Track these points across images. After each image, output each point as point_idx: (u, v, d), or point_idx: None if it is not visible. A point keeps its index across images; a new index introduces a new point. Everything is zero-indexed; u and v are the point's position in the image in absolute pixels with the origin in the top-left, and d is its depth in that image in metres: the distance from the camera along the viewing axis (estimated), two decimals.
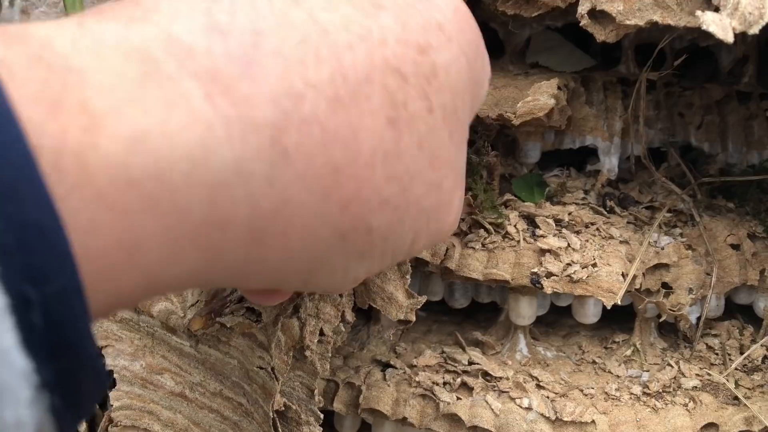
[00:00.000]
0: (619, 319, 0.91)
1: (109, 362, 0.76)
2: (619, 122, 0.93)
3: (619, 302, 0.80)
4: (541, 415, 0.78)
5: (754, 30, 0.72)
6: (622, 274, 0.82)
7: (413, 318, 0.79)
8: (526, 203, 0.87)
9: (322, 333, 0.75)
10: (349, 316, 0.80)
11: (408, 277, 0.80)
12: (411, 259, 0.82)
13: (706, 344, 0.90)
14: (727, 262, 0.89)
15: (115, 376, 0.76)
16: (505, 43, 0.98)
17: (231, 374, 0.72)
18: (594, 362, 0.87)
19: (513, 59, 0.97)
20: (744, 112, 0.98)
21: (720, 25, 0.67)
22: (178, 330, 0.73)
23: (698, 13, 0.69)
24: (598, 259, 0.81)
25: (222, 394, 0.72)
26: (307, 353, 0.74)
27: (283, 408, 0.70)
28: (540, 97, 0.82)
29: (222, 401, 0.72)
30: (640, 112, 0.92)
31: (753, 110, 0.97)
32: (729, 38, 0.69)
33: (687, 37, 0.96)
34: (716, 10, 0.69)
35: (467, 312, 0.94)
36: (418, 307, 0.79)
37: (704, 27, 0.69)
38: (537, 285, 0.80)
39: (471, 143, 0.93)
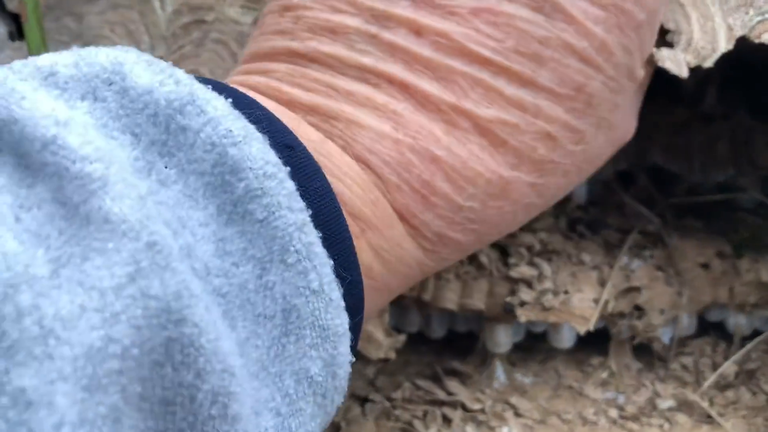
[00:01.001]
0: (594, 342, 0.92)
1: None
2: None
3: (591, 328, 0.82)
4: None
5: (708, 63, 0.74)
6: (594, 300, 0.83)
7: (393, 356, 0.80)
8: None
9: None
10: None
11: (386, 315, 0.81)
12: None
13: (681, 363, 0.91)
14: (697, 282, 0.91)
15: None
16: None
17: None
18: (571, 387, 0.88)
19: None
20: (708, 132, 1.00)
21: (674, 61, 0.69)
22: None
23: (654, 50, 0.70)
24: (570, 285, 0.83)
25: None
26: None
27: None
28: None
29: None
30: None
31: (717, 131, 0.99)
32: (684, 74, 0.71)
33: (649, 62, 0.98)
34: (670, 45, 0.71)
35: (445, 341, 0.95)
36: (398, 346, 0.80)
37: (659, 64, 0.71)
38: (511, 314, 0.82)
39: None
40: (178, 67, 0.41)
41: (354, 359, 0.44)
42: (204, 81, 0.41)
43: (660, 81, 1.01)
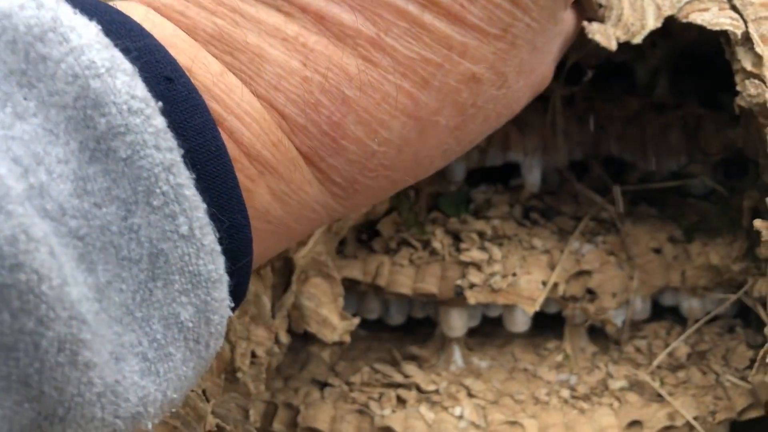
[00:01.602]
0: (552, 326, 0.95)
1: None
2: (539, 137, 0.97)
3: (537, 308, 0.84)
4: (472, 423, 0.81)
5: (637, 40, 0.77)
6: (543, 282, 0.85)
7: (348, 339, 0.82)
8: (451, 219, 0.91)
9: (254, 355, 0.78)
10: (284, 338, 0.83)
11: (341, 299, 0.83)
12: (343, 280, 0.85)
13: (634, 346, 0.93)
14: (649, 266, 0.93)
15: None
16: None
17: None
18: (526, 369, 0.90)
19: None
20: (660, 122, 1.02)
21: (604, 35, 0.71)
22: None
23: (585, 23, 0.73)
24: (519, 268, 0.85)
25: None
26: (239, 375, 0.76)
27: (216, 429, 0.72)
28: None
29: (157, 423, 0.75)
30: (557, 127, 0.96)
31: (669, 120, 1.02)
32: (613, 46, 0.74)
33: (601, 53, 1.01)
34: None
35: (406, 328, 0.97)
36: (352, 328, 0.82)
37: (590, 36, 0.74)
38: (461, 296, 0.84)
39: None
40: None
41: (234, 305, 0.43)
42: (75, 2, 0.37)
43: (613, 72, 1.04)
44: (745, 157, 0.97)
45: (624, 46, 0.93)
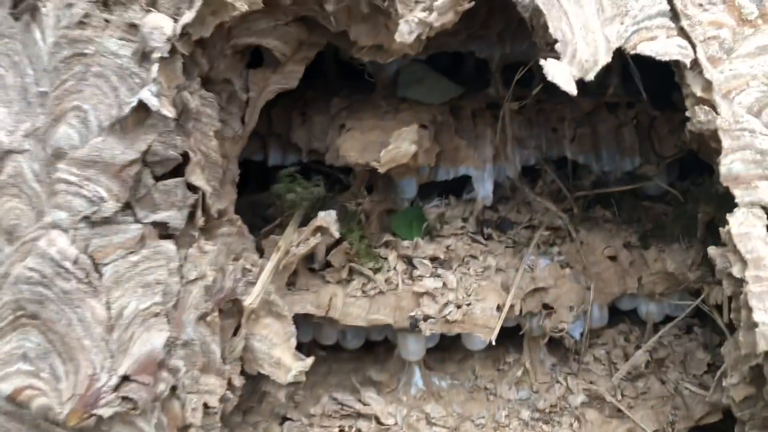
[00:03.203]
0: (510, 338, 0.94)
1: None
2: (490, 148, 0.94)
3: (493, 340, 0.83)
4: None
5: (590, 76, 0.74)
6: (498, 307, 0.84)
7: (303, 379, 0.81)
8: (404, 243, 0.89)
9: (207, 406, 0.77)
10: (237, 382, 0.81)
11: (293, 339, 0.81)
12: (297, 315, 0.84)
13: (593, 356, 0.93)
14: (605, 274, 0.92)
15: None
16: (375, 78, 0.98)
17: None
18: (486, 388, 0.90)
19: (383, 93, 0.98)
20: (613, 120, 1.00)
21: (563, 77, 0.68)
22: (60, 424, 0.73)
23: (542, 61, 0.70)
24: (474, 295, 0.84)
25: None
26: (192, 431, 0.75)
27: None
28: (401, 144, 0.84)
29: None
30: (507, 137, 0.94)
31: (622, 118, 1.00)
32: (573, 90, 0.71)
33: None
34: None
35: (366, 346, 0.96)
36: (307, 369, 0.80)
37: (549, 78, 0.71)
38: (416, 329, 0.82)
39: (346, 188, 0.94)
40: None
41: None
42: None
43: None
44: (699, 156, 0.96)
45: None
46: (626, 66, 1.01)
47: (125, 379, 0.72)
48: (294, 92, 0.97)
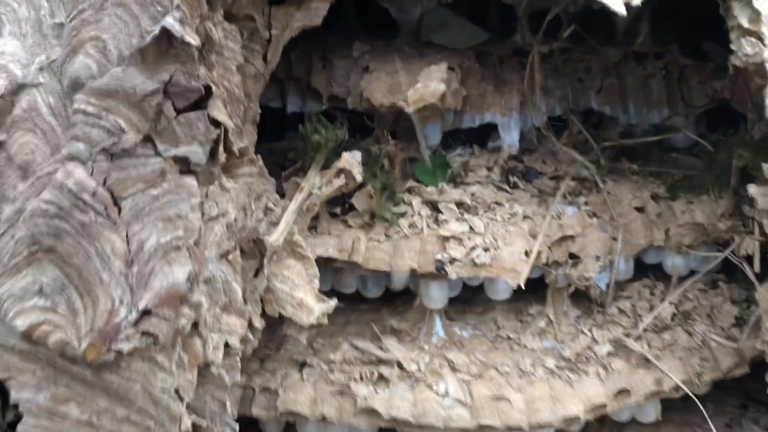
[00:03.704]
0: (534, 289, 0.91)
1: (14, 395, 0.74)
2: (517, 96, 0.92)
3: (522, 284, 0.81)
4: (457, 400, 0.79)
5: (637, 1, 0.71)
6: (525, 252, 0.82)
7: (325, 322, 0.78)
8: (428, 189, 0.86)
9: (227, 345, 0.75)
10: (258, 323, 0.79)
11: (316, 281, 0.79)
12: (318, 260, 0.81)
13: (618, 308, 0.91)
14: (632, 226, 0.90)
15: (20, 409, 0.74)
16: (399, 22, 0.96)
17: (136, 399, 0.71)
18: (509, 338, 0.88)
19: (407, 39, 0.95)
20: (641, 72, 0.98)
21: None
22: (77, 359, 0.71)
23: None
24: (501, 240, 0.82)
25: (129, 419, 0.71)
26: (213, 369, 0.73)
27: (192, 429, 0.69)
28: (430, 82, 0.81)
29: (129, 426, 0.71)
30: (535, 84, 0.91)
31: (650, 70, 0.98)
32: (622, 11, 0.69)
33: (580, 0, 0.95)
34: None
35: (385, 298, 0.94)
36: (330, 311, 0.78)
37: None
38: (442, 272, 0.80)
39: (370, 131, 0.92)
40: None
41: None
42: None
43: (591, 20, 0.99)
44: (728, 108, 0.94)
45: None
46: (656, 15, 0.99)
47: (146, 313, 0.70)
48: (314, 37, 0.94)
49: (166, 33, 0.74)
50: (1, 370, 0.75)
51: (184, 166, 0.77)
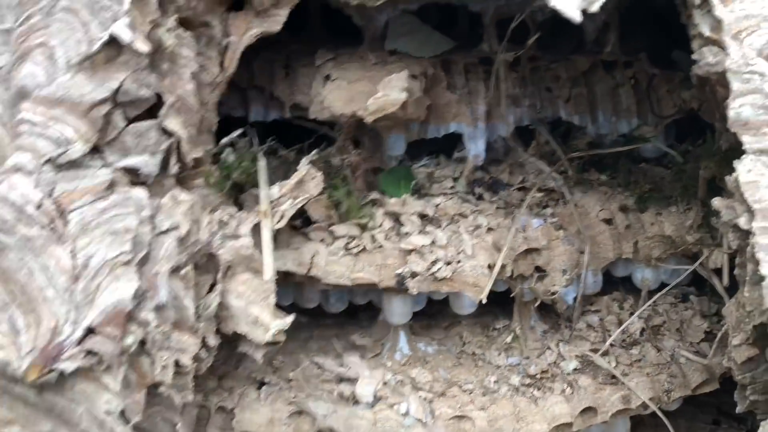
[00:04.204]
0: (501, 302, 0.89)
1: None
2: (483, 105, 0.90)
3: (484, 299, 0.79)
4: (418, 420, 0.76)
5: (595, 7, 0.70)
6: (489, 266, 0.80)
7: (282, 339, 0.76)
8: (392, 200, 0.84)
9: (178, 364, 0.72)
10: (212, 341, 0.76)
11: (272, 296, 0.76)
12: (278, 274, 0.78)
13: (586, 323, 0.89)
14: (600, 238, 0.88)
15: None
16: (363, 30, 0.94)
17: (80, 421, 0.68)
18: (474, 354, 0.86)
19: (372, 46, 0.93)
20: (610, 81, 0.96)
21: (568, 4, 0.64)
22: (19, 380, 0.68)
23: None
24: (463, 253, 0.79)
25: None
26: (162, 389, 0.70)
27: None
28: (390, 92, 0.79)
29: None
30: (501, 93, 0.90)
31: (619, 79, 0.96)
32: (577, 17, 0.67)
33: (548, 8, 0.93)
34: None
35: (350, 312, 0.91)
36: (286, 327, 0.75)
37: (550, 4, 0.67)
38: (402, 287, 0.78)
39: (332, 141, 0.89)
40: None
41: None
42: None
43: (558, 29, 0.97)
44: (697, 118, 0.92)
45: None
46: (624, 23, 0.97)
47: (90, 331, 0.67)
48: (277, 45, 0.92)
49: (114, 40, 0.72)
50: None
51: (135, 177, 0.74)
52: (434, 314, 0.92)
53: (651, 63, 0.94)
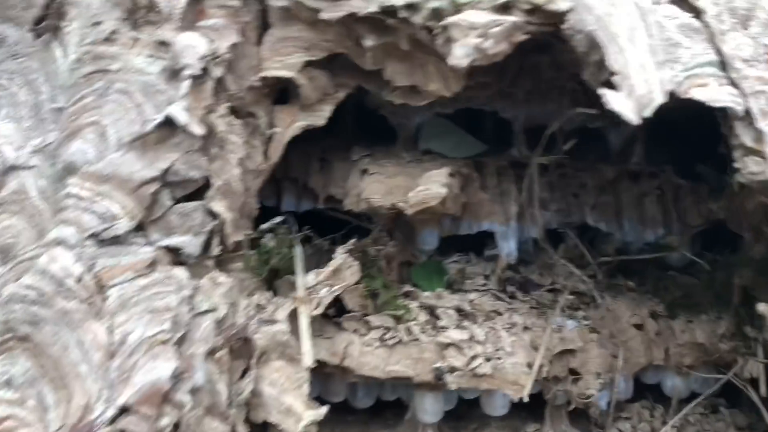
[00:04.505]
0: (530, 407, 0.87)
1: None
2: (515, 206, 0.92)
3: (526, 397, 0.77)
4: None
5: (647, 113, 0.72)
6: (528, 364, 0.78)
7: (314, 430, 0.73)
8: (426, 293, 0.84)
9: None
10: (242, 430, 0.73)
11: (306, 386, 0.74)
12: (308, 366, 0.76)
13: (618, 429, 0.87)
14: (631, 343, 0.87)
15: None
16: (398, 129, 0.96)
17: None
18: None
19: (406, 146, 0.95)
20: (636, 190, 0.99)
21: (623, 105, 0.67)
22: None
23: (600, 90, 0.68)
24: (503, 350, 0.78)
25: None
26: None
27: None
28: (431, 186, 0.81)
29: None
30: (533, 195, 0.91)
31: (645, 189, 0.98)
32: (635, 119, 0.69)
33: (576, 119, 0.97)
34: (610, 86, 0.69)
35: (373, 410, 0.89)
36: (320, 419, 0.73)
37: (608, 106, 0.69)
38: (441, 381, 0.76)
39: (367, 232, 0.90)
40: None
41: None
42: None
43: (586, 139, 1.00)
44: (723, 229, 0.94)
45: (598, 113, 0.89)
46: (650, 135, 1.01)
47: (124, 410, 0.64)
48: (313, 139, 0.94)
49: (168, 121, 0.73)
50: None
51: (176, 256, 0.74)
52: (462, 416, 0.89)
53: (676, 174, 0.97)
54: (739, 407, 0.89)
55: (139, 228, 0.73)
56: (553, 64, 0.92)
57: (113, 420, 0.64)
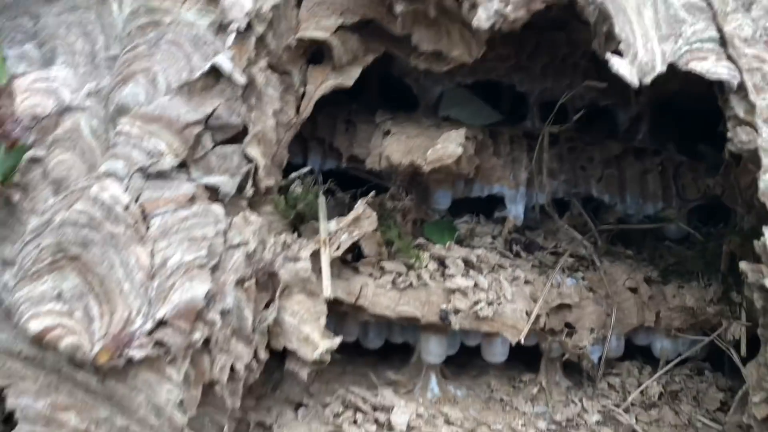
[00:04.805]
0: (526, 358, 0.95)
1: (11, 402, 0.74)
2: (525, 173, 0.98)
3: (522, 340, 0.84)
4: None
5: (647, 80, 0.78)
6: (526, 312, 0.85)
7: (328, 359, 0.80)
8: (437, 246, 0.91)
9: (233, 369, 0.76)
10: (263, 354, 0.81)
11: (323, 318, 0.82)
12: (327, 297, 0.84)
13: (608, 383, 0.94)
14: (625, 305, 0.94)
15: (16, 417, 0.74)
16: (419, 98, 1.03)
17: (138, 409, 0.71)
18: (502, 400, 0.90)
19: (426, 113, 1.02)
20: (639, 166, 1.05)
21: (627, 70, 0.73)
22: (84, 365, 0.72)
23: (607, 55, 0.75)
24: (504, 297, 0.85)
25: (129, 429, 0.71)
26: (217, 388, 0.74)
27: None
28: (449, 144, 0.87)
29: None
30: (543, 163, 0.98)
31: (648, 165, 1.05)
32: (635, 82, 0.75)
33: (587, 96, 1.04)
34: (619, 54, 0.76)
35: (381, 353, 0.96)
36: (334, 347, 0.80)
37: (613, 70, 0.75)
38: (446, 321, 0.83)
39: (385, 189, 0.97)
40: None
41: None
42: None
43: (595, 116, 1.07)
44: (719, 204, 1.00)
45: (608, 91, 0.96)
46: (655, 115, 1.07)
47: (161, 323, 0.72)
48: (340, 103, 1.01)
49: (215, 70, 0.81)
50: (2, 377, 0.75)
51: (214, 194, 0.81)
52: (463, 364, 0.96)
53: (678, 151, 1.04)
54: (722, 371, 0.96)
55: (182, 165, 0.80)
56: (569, 41, 0.99)
57: (151, 331, 0.71)
